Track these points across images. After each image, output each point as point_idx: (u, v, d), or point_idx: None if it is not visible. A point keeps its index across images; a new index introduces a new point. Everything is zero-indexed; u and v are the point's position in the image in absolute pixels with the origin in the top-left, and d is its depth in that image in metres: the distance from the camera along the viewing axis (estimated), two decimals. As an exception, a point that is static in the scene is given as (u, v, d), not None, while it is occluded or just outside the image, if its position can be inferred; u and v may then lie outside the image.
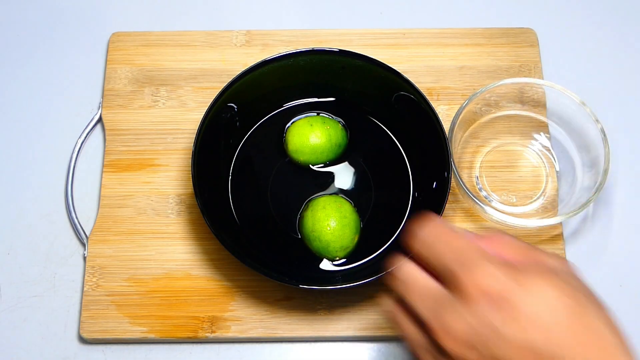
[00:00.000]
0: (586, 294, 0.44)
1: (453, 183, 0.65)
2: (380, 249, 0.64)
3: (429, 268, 0.46)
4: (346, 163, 0.67)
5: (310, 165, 0.67)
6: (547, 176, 0.69)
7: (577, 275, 0.46)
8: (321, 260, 0.64)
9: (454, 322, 0.43)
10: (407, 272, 0.47)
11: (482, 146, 0.70)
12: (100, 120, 0.71)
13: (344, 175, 0.67)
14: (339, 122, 0.68)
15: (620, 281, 0.66)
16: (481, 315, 0.42)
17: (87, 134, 0.71)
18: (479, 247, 0.45)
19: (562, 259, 0.47)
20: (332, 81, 0.68)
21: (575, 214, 0.63)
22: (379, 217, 0.66)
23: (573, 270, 0.46)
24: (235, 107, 0.66)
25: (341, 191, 0.66)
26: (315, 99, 0.69)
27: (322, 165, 0.67)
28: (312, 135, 0.65)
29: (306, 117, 0.68)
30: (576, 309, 0.42)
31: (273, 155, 0.68)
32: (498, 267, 0.43)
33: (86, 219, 0.68)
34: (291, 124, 0.67)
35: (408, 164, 0.67)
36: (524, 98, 0.70)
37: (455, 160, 0.64)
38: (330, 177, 0.67)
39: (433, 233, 0.47)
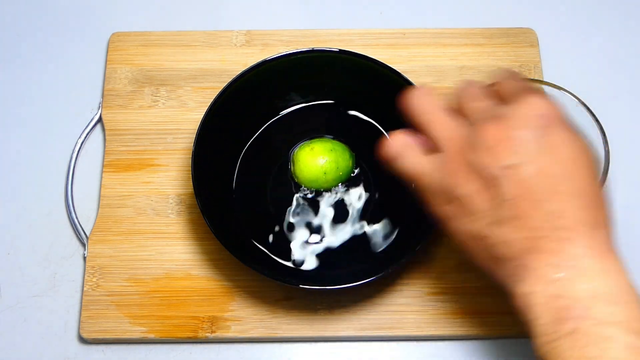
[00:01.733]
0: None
1: (453, 183, 0.65)
2: (381, 249, 0.64)
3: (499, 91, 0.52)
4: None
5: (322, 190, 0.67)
6: (547, 176, 0.69)
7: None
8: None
9: (508, 120, 0.48)
10: (469, 84, 0.54)
11: (482, 146, 0.70)
12: (100, 120, 0.71)
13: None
14: (345, 145, 0.67)
15: (620, 281, 0.66)
16: (529, 126, 0.47)
17: (87, 134, 0.71)
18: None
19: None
20: (331, 81, 0.68)
21: (575, 214, 0.63)
22: (379, 218, 0.66)
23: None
24: (235, 107, 0.66)
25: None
26: (315, 101, 0.69)
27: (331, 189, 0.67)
28: (319, 159, 0.65)
29: (311, 141, 0.67)
30: (593, 172, 0.48)
31: (273, 155, 0.68)
32: (555, 104, 0.49)
33: (86, 219, 0.68)
34: (297, 148, 0.66)
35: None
36: (524, 98, 0.70)
37: (455, 160, 0.64)
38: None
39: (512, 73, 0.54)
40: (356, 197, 0.66)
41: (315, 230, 0.65)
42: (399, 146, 0.53)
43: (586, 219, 0.46)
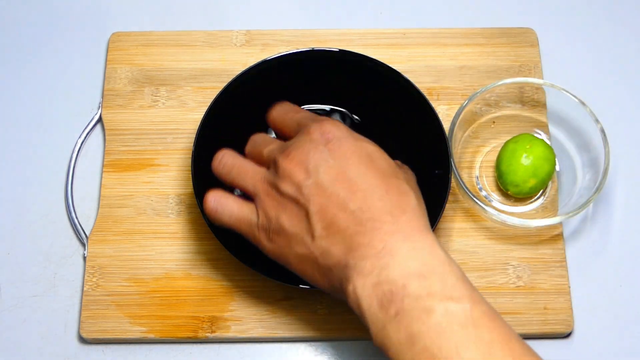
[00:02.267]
0: (405, 172, 0.57)
1: (453, 183, 0.65)
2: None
3: (284, 131, 0.58)
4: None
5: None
6: (547, 176, 0.69)
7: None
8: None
9: (296, 149, 0.53)
10: (257, 135, 0.59)
11: (482, 146, 0.70)
12: (100, 120, 0.71)
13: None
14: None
15: (620, 281, 0.66)
16: (317, 147, 0.52)
17: (87, 134, 0.71)
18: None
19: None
20: (331, 81, 0.68)
21: (575, 214, 0.63)
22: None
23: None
24: (235, 107, 0.66)
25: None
26: (315, 101, 0.69)
27: None
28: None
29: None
30: (389, 166, 0.53)
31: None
32: (340, 125, 0.54)
33: (86, 219, 0.68)
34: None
35: (407, 164, 0.67)
36: (524, 98, 0.70)
37: (455, 160, 0.64)
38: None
39: (287, 104, 0.60)
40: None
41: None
42: (216, 199, 0.57)
43: (388, 208, 0.49)
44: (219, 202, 0.56)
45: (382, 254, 0.48)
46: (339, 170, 0.51)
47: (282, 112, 0.59)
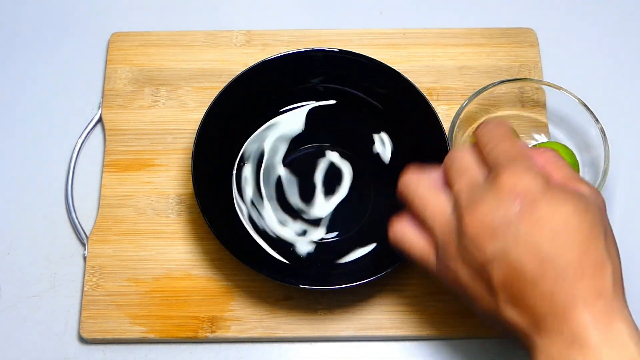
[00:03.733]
0: (606, 231, 0.48)
1: (453, 183, 0.65)
2: (379, 248, 0.64)
3: (481, 155, 0.52)
4: (346, 164, 0.67)
5: None
6: (547, 176, 0.69)
7: (604, 212, 0.50)
8: (320, 259, 0.64)
9: (482, 205, 0.48)
10: (462, 154, 0.53)
11: (482, 146, 0.70)
12: (100, 120, 0.71)
13: (345, 177, 0.67)
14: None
15: (620, 281, 0.66)
16: (506, 207, 0.47)
17: (87, 134, 0.71)
18: (530, 154, 0.50)
19: (598, 193, 0.51)
20: (331, 81, 0.68)
21: (575, 214, 0.63)
22: (378, 217, 0.66)
23: (603, 206, 0.50)
24: (235, 107, 0.66)
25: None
26: (315, 101, 0.69)
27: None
28: None
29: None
30: (589, 233, 0.47)
31: (272, 155, 0.68)
32: (537, 175, 0.48)
33: (86, 219, 0.68)
34: None
35: (407, 165, 0.67)
36: (523, 98, 0.70)
37: (455, 160, 0.64)
38: (334, 179, 0.67)
39: (500, 126, 0.53)
40: (355, 197, 0.66)
41: (318, 226, 0.65)
42: (403, 230, 0.54)
43: (582, 293, 0.45)
44: (403, 234, 0.54)
45: (573, 345, 0.45)
46: (528, 241, 0.46)
47: (485, 139, 0.53)
